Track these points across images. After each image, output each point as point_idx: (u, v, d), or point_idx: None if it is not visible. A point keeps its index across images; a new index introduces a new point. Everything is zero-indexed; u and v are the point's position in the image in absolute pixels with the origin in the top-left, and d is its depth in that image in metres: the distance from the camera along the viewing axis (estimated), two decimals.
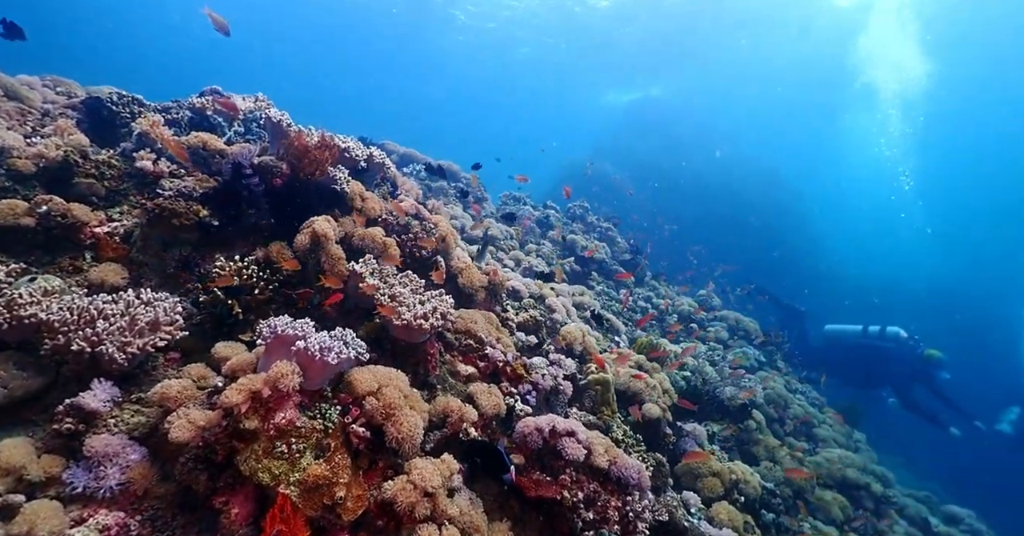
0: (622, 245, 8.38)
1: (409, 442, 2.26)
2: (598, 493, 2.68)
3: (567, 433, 2.74)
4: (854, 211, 25.68)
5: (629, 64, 24.02)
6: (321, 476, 1.96)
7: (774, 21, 17.85)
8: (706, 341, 7.40)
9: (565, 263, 6.91)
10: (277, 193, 3.20)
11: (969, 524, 6.86)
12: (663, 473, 3.53)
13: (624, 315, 6.58)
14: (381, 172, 4.12)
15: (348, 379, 2.28)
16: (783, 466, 5.08)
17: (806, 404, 6.89)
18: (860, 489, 5.73)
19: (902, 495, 6.92)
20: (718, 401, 5.61)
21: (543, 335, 4.29)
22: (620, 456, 2.81)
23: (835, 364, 9.87)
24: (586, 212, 8.89)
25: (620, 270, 7.72)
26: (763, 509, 4.49)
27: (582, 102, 30.84)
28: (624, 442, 3.45)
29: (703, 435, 4.75)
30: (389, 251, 3.37)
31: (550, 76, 27.99)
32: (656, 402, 3.99)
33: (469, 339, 3.24)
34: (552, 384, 3.28)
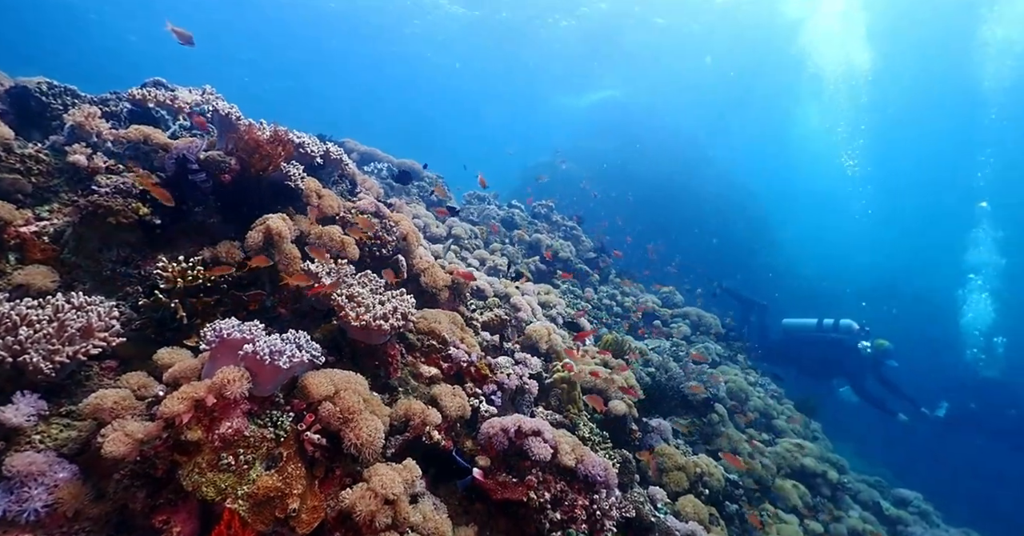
0: (587, 244, 8.42)
1: (369, 448, 2.17)
2: (565, 492, 2.65)
3: (533, 433, 2.70)
4: (806, 204, 26.53)
5: (588, 67, 24.35)
6: (272, 488, 1.85)
7: (723, 18, 18.33)
8: (670, 338, 7.51)
9: (530, 262, 6.88)
10: (226, 190, 3.03)
11: (917, 505, 7.19)
12: (630, 469, 3.53)
13: (590, 313, 6.60)
14: (339, 169, 3.98)
15: (302, 384, 2.17)
16: (743, 457, 5.19)
17: (765, 396, 7.09)
18: (817, 477, 5.91)
19: (855, 481, 7.19)
20: (682, 396, 5.68)
21: (509, 334, 4.24)
22: (587, 454, 2.78)
23: (793, 356, 10.23)
24: (551, 211, 8.90)
25: (586, 269, 7.75)
26: (726, 500, 4.56)
27: (544, 104, 31.04)
28: (591, 440, 3.43)
29: (668, 430, 4.80)
30: (347, 250, 3.25)
31: (514, 78, 28.09)
32: (622, 399, 3.99)
33: (432, 340, 3.15)
34: (518, 384, 3.23)
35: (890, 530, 6.47)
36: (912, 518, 6.80)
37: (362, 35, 25.97)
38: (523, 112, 34.29)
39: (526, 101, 31.47)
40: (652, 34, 20.21)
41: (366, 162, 7.59)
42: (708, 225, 17.02)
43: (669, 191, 17.53)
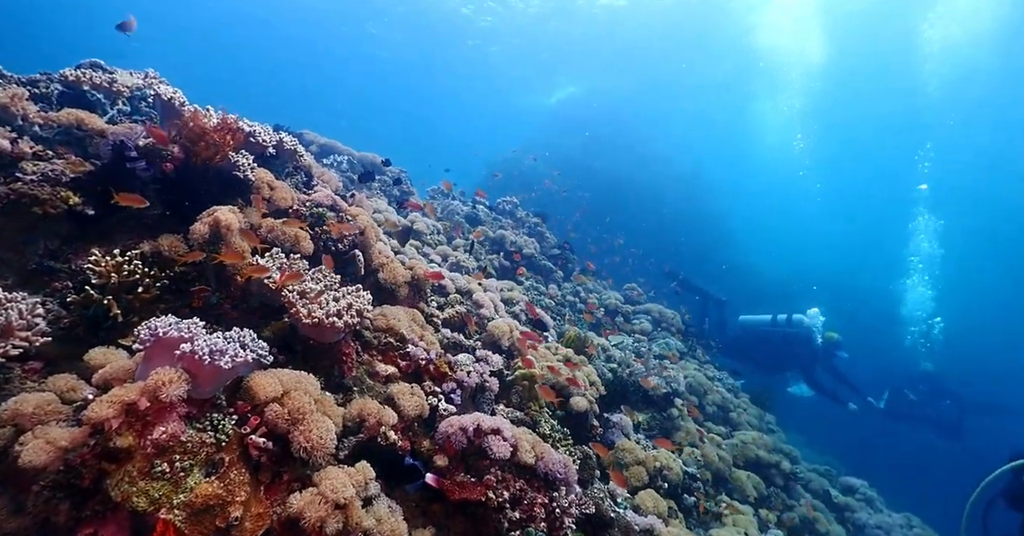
0: (551, 240, 8.43)
1: (319, 450, 2.08)
2: (524, 491, 2.62)
3: (493, 431, 2.66)
4: (761, 200, 27.22)
5: (554, 65, 24.46)
6: (212, 495, 1.74)
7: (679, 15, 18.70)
8: (632, 333, 7.61)
9: (494, 258, 6.83)
10: (168, 180, 2.86)
11: (863, 492, 7.52)
12: (590, 465, 3.54)
13: (553, 310, 6.61)
14: (294, 160, 3.83)
15: (247, 385, 2.06)
16: (702, 450, 5.30)
17: (723, 390, 7.27)
18: (772, 467, 6.10)
19: (807, 470, 7.46)
20: (643, 391, 5.75)
21: (470, 331, 4.18)
22: (547, 452, 2.76)
23: (750, 351, 10.56)
24: (515, 208, 8.87)
25: (549, 265, 7.76)
26: (685, 493, 4.64)
27: (511, 101, 31.00)
28: (551, 437, 3.42)
29: (629, 425, 4.85)
30: (301, 244, 3.13)
31: (479, 74, 27.91)
32: (584, 395, 4.00)
33: (390, 337, 3.07)
34: (478, 381, 3.18)
35: (839, 516, 6.74)
36: (859, 505, 7.11)
37: (325, 30, 25.41)
38: (488, 108, 34.14)
39: (492, 97, 31.34)
40: (607, 28, 20.39)
41: (325, 155, 7.37)
42: (668, 222, 17.35)
43: (630, 188, 17.79)
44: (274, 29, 26.34)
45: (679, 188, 19.18)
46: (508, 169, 17.12)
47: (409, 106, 38.99)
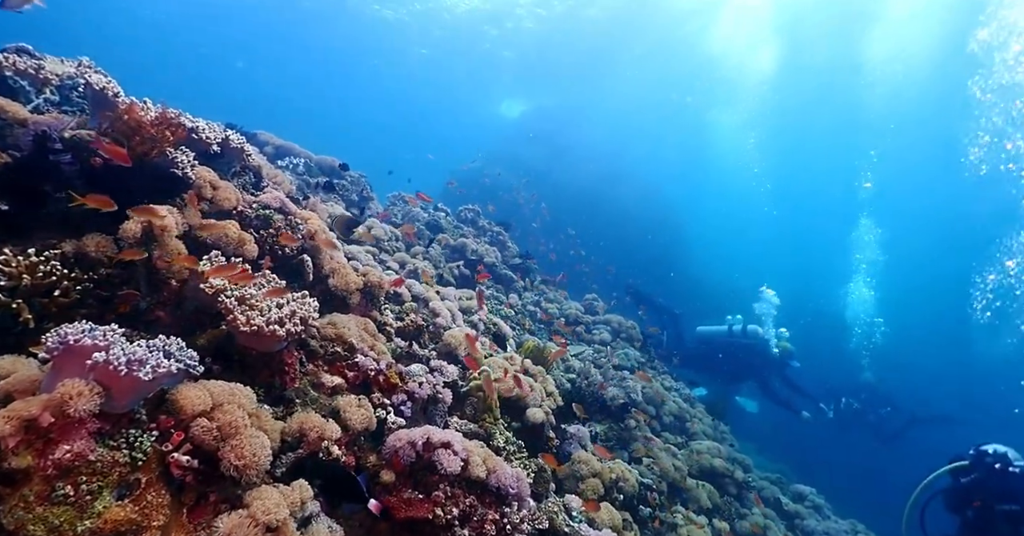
0: (513, 249, 8.40)
1: (252, 468, 1.93)
2: (475, 507, 2.52)
3: (443, 445, 2.55)
4: (717, 212, 27.79)
5: (520, 76, 24.74)
6: (124, 520, 1.58)
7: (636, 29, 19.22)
8: (591, 343, 7.62)
9: (454, 266, 6.73)
10: (97, 175, 2.65)
11: (812, 500, 7.72)
12: (545, 479, 3.46)
13: (512, 319, 6.55)
14: (241, 160, 3.65)
15: (172, 398, 1.90)
16: (658, 461, 5.31)
17: (679, 400, 7.35)
18: (725, 477, 6.18)
19: (759, 479, 7.61)
20: (601, 401, 5.74)
21: (425, 341, 4.06)
22: (500, 465, 2.67)
23: (708, 361, 10.77)
24: (477, 216, 8.80)
25: (510, 274, 7.71)
26: (640, 505, 4.63)
27: (476, 111, 31.11)
28: (506, 449, 3.33)
29: (586, 436, 4.80)
30: (245, 247, 2.96)
31: (445, 82, 27.93)
32: (540, 406, 3.93)
33: (338, 347, 2.93)
34: (430, 393, 3.07)
35: (788, 524, 6.89)
36: (807, 512, 7.29)
37: (286, 32, 24.97)
38: (454, 116, 34.15)
39: (458, 106, 31.39)
40: (567, 40, 20.78)
41: (282, 156, 7.12)
42: (629, 235, 17.63)
43: (592, 200, 18.02)
44: (234, 27, 25.64)
45: (639, 198, 19.55)
46: (469, 178, 17.07)
47: (371, 112, 38.59)
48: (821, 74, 19.72)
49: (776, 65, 20.15)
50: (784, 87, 20.90)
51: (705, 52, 20.07)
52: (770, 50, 19.62)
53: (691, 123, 24.69)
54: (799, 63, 19.50)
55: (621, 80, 22.79)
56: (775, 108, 22.01)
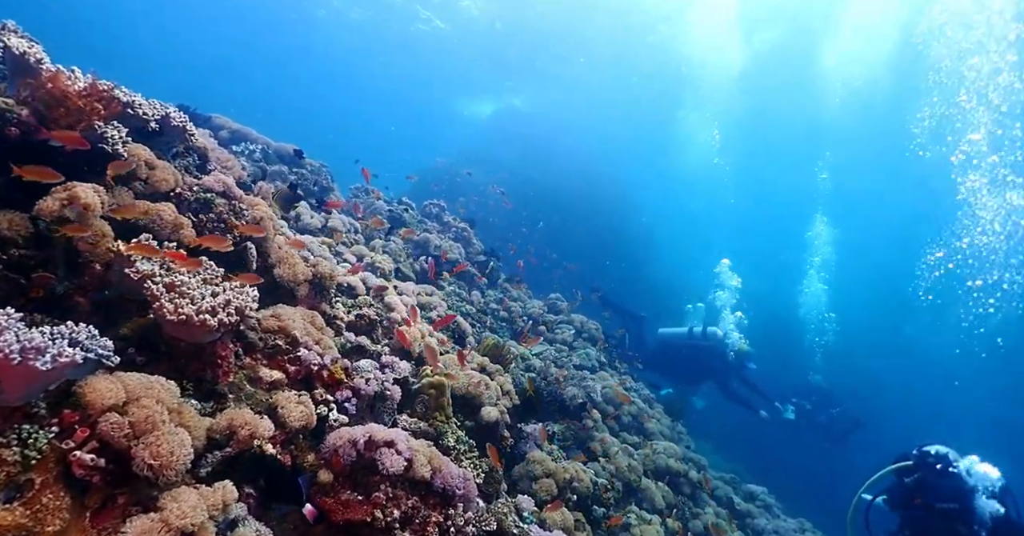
0: (477, 246, 8.29)
1: (169, 468, 1.78)
2: (417, 509, 2.41)
3: (386, 443, 2.44)
4: (684, 214, 28.09)
5: (490, 75, 24.64)
6: (10, 526, 1.42)
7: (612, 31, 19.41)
8: (553, 343, 7.59)
9: (415, 261, 6.58)
10: (11, 147, 2.43)
11: (763, 499, 7.90)
12: (495, 479, 3.39)
13: (474, 317, 6.45)
14: (184, 140, 3.43)
15: (79, 391, 1.73)
16: (614, 460, 5.31)
17: (639, 401, 7.40)
18: (680, 476, 6.24)
19: (713, 479, 7.73)
20: (560, 401, 5.71)
21: (378, 336, 3.93)
22: (446, 465, 2.57)
23: (668, 363, 10.90)
24: (442, 211, 8.65)
25: (473, 272, 7.60)
26: (594, 505, 4.60)
27: (448, 108, 30.82)
28: (456, 449, 3.24)
29: (543, 436, 4.75)
30: (181, 232, 2.77)
31: (416, 80, 27.58)
32: (495, 405, 3.85)
33: (279, 339, 2.77)
34: (376, 389, 2.95)
35: (740, 523, 7.01)
36: (758, 511, 7.45)
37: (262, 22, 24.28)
38: (424, 112, 33.74)
39: (428, 102, 31.02)
40: (545, 42, 20.84)
41: (237, 141, 6.83)
42: (598, 238, 17.75)
43: (563, 202, 18.07)
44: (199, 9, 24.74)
45: (609, 199, 19.70)
46: (438, 175, 16.87)
47: (337, 102, 37.80)
48: (783, 73, 20.22)
49: (741, 64, 20.50)
50: (748, 85, 21.26)
51: (674, 52, 20.30)
52: (736, 49, 19.94)
53: (660, 122, 24.92)
54: (762, 62, 19.94)
55: (591, 80, 22.92)
56: (740, 106, 22.34)
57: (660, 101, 23.38)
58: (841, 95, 20.11)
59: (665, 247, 22.59)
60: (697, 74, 21.35)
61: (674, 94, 22.92)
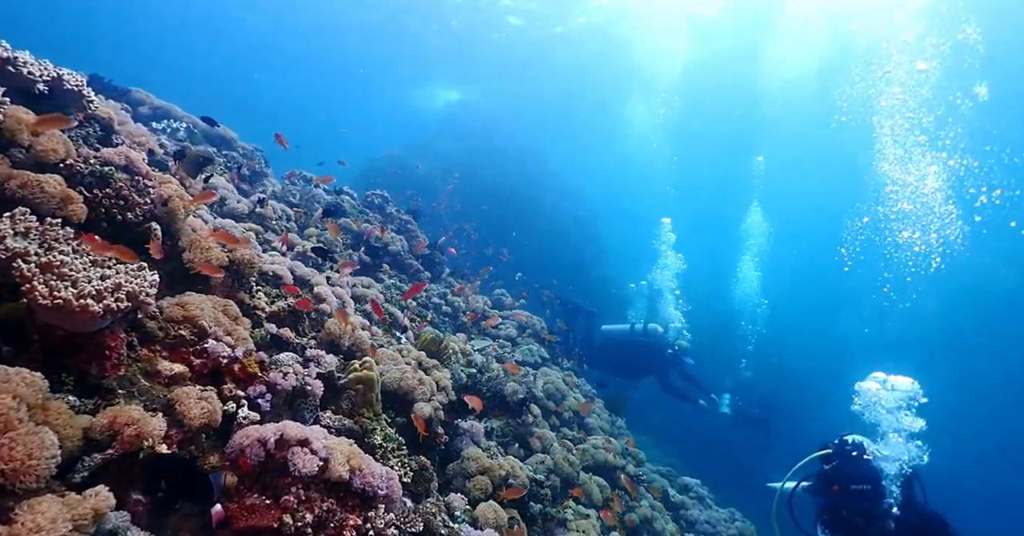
0: (421, 239, 8.07)
1: (28, 473, 1.54)
2: (332, 512, 2.24)
3: (300, 442, 2.25)
4: (630, 210, 28.38)
5: (444, 67, 24.28)
6: None
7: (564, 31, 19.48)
8: (496, 338, 7.50)
9: (353, 253, 6.30)
10: None
11: (696, 491, 8.13)
12: (426, 477, 3.24)
13: (415, 311, 6.25)
14: (81, 107, 3.07)
15: None
16: (554, 456, 5.27)
17: (580, 396, 7.43)
18: (617, 470, 6.29)
19: (650, 472, 7.88)
20: (500, 396, 5.61)
21: (305, 328, 3.69)
22: (367, 465, 2.41)
23: (612, 359, 11.08)
24: (385, 202, 8.36)
25: (416, 265, 7.39)
26: (531, 501, 4.54)
27: (396, 98, 30.08)
28: (383, 447, 3.07)
29: (480, 432, 4.64)
30: (70, 208, 2.46)
31: (365, 66, 26.74)
32: (429, 401, 3.70)
33: (183, 330, 2.51)
34: (295, 384, 2.74)
35: (674, 514, 7.18)
36: (692, 502, 7.65)
37: None
38: (372, 101, 32.81)
39: (376, 91, 30.18)
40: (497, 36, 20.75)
41: (159, 118, 6.31)
42: (546, 234, 17.78)
43: (511, 197, 17.99)
44: None
45: (558, 195, 19.80)
46: (386, 167, 16.40)
47: (280, 90, 36.22)
48: (724, 69, 20.87)
49: (686, 60, 20.91)
50: (693, 79, 21.72)
51: (628, 51, 20.53)
52: (684, 48, 20.36)
53: (610, 118, 25.16)
54: (707, 57, 20.48)
55: (543, 77, 22.95)
56: (683, 97, 22.80)
57: (607, 92, 23.50)
58: (774, 98, 21.01)
59: (609, 240, 22.75)
60: (644, 64, 21.54)
61: (621, 85, 23.08)
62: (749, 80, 21.01)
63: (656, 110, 24.12)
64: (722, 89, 22.01)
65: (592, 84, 23.19)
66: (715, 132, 24.69)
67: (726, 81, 21.49)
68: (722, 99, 22.62)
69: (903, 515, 3.72)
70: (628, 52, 20.79)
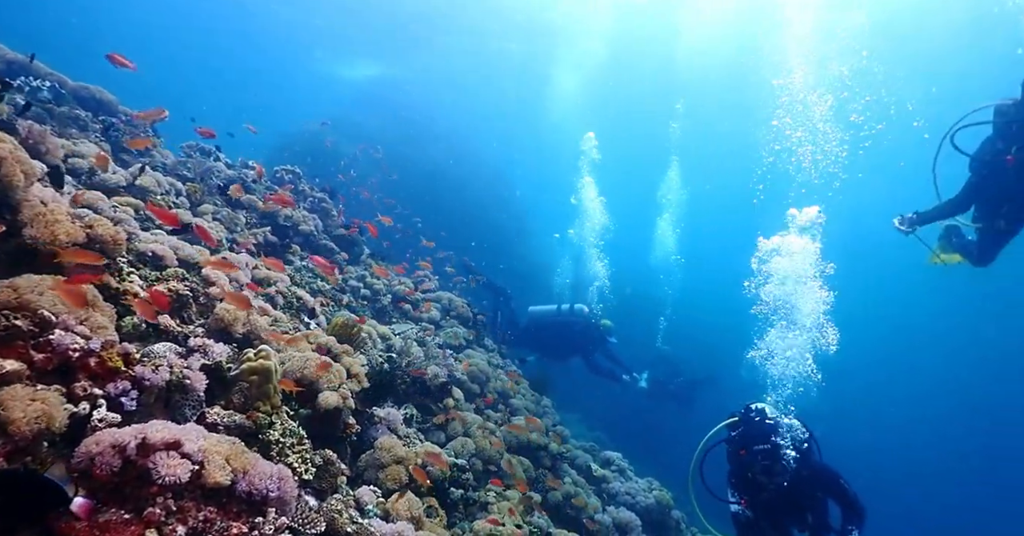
0: (337, 219, 7.59)
1: None
2: (211, 521, 1.97)
3: (167, 445, 1.95)
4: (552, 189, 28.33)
5: (368, 40, 22.98)
6: None
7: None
8: (419, 321, 7.25)
9: (260, 232, 5.79)
10: None
11: (618, 464, 8.39)
12: (332, 472, 3.01)
13: (328, 294, 5.87)
14: None
15: None
16: (475, 439, 5.18)
17: (505, 378, 7.38)
18: (541, 449, 6.33)
19: (575, 448, 8.03)
20: (420, 381, 5.42)
21: (192, 314, 3.29)
22: (254, 465, 2.15)
23: (538, 339, 11.17)
24: (297, 178, 7.76)
25: (331, 245, 6.94)
26: (452, 487, 4.42)
27: (309, 67, 28.10)
28: (281, 443, 2.79)
29: (398, 420, 4.44)
30: None
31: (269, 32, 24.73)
32: (337, 390, 3.44)
33: (18, 319, 2.10)
34: (170, 378, 2.40)
35: (596, 489, 7.37)
36: (613, 476, 7.89)
37: None
38: (281, 70, 30.50)
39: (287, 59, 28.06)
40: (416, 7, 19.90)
41: (14, 75, 5.40)
42: (472, 215, 17.50)
43: (436, 176, 17.51)
44: None
45: (484, 182, 19.48)
46: (302, 141, 15.36)
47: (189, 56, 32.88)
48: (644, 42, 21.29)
49: (609, 29, 20.99)
50: (615, 48, 21.85)
51: (549, 18, 20.25)
52: (606, 16, 20.50)
53: (533, 88, 24.73)
54: (627, 30, 20.72)
55: (462, 50, 22.26)
56: (606, 70, 22.88)
57: (530, 65, 23.08)
58: (688, 60, 21.49)
59: (535, 218, 22.71)
60: (568, 33, 21.31)
61: (546, 57, 22.78)
62: (667, 48, 21.36)
63: (579, 77, 23.85)
64: (642, 57, 22.14)
65: (515, 54, 22.67)
66: (634, 97, 24.77)
67: (646, 49, 21.67)
68: (641, 67, 22.73)
69: (800, 469, 4.01)
70: (552, 24, 20.43)
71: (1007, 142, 4.31)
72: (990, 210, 4.75)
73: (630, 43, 21.56)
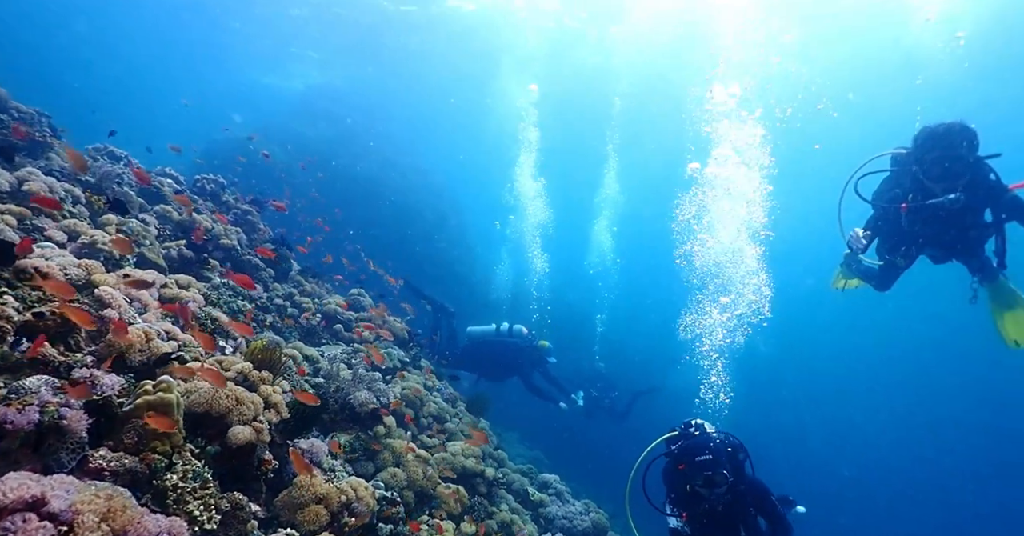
0: (264, 232, 7.14)
1: None
2: None
3: (27, 503, 1.64)
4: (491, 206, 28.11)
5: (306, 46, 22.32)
6: None
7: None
8: (350, 342, 6.90)
9: (172, 246, 5.31)
10: None
11: (555, 487, 8.29)
12: (241, 517, 2.71)
13: (249, 313, 5.45)
14: None
15: None
16: (407, 469, 4.92)
17: (440, 400, 7.14)
18: (477, 476, 6.12)
19: (512, 472, 7.85)
20: (349, 408, 5.11)
21: (80, 341, 2.91)
22: (137, 520, 1.86)
23: (477, 360, 10.97)
24: (221, 189, 7.25)
25: (256, 262, 6.50)
26: (380, 522, 4.15)
27: (241, 75, 26.95)
28: (180, 488, 2.47)
29: (323, 451, 4.12)
30: None
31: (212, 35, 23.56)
32: (249, 423, 3.13)
33: None
34: (39, 419, 2.06)
35: (534, 514, 7.22)
36: (551, 499, 7.77)
37: None
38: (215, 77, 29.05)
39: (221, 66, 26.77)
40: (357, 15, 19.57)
41: None
42: (412, 231, 17.16)
43: (374, 190, 17.08)
44: None
45: (425, 198, 19.21)
46: (229, 150, 14.55)
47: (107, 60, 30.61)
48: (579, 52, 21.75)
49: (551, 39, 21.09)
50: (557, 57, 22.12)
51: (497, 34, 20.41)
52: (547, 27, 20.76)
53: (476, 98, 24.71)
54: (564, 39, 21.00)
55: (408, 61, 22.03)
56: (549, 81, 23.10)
57: (475, 69, 23.07)
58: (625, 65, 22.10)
59: (473, 234, 22.52)
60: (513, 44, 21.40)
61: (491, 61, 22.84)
62: (603, 58, 21.80)
63: (523, 87, 23.91)
64: (581, 66, 22.50)
65: (460, 63, 22.57)
66: (574, 101, 25.06)
67: (582, 60, 22.06)
68: (580, 75, 23.03)
69: (736, 482, 4.10)
70: (495, 33, 20.47)
71: (904, 190, 4.70)
72: (890, 247, 5.14)
73: (568, 52, 21.89)
